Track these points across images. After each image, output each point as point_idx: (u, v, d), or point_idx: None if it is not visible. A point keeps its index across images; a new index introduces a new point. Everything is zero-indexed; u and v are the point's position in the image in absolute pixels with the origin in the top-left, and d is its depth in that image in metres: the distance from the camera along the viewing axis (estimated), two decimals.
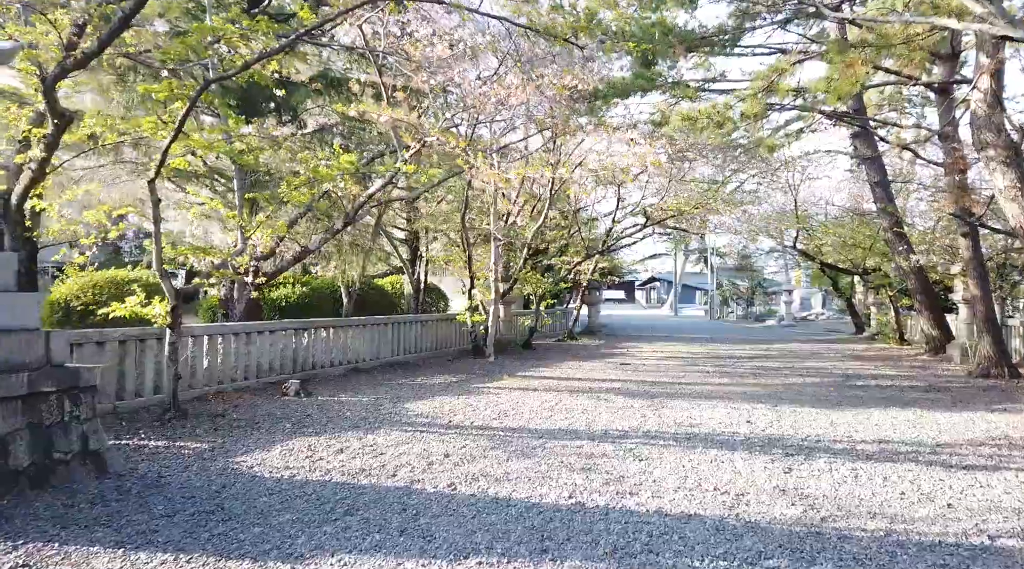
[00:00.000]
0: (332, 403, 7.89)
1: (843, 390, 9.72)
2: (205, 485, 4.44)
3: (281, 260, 9.90)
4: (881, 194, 14.59)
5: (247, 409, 7.36)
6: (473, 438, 6.09)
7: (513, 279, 14.62)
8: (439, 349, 14.62)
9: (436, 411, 7.46)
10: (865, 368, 12.71)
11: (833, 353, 16.01)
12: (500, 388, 9.47)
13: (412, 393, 8.85)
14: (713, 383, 10.33)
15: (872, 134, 14.76)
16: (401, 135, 8.83)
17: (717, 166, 17.69)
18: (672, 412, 7.62)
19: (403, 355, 13.15)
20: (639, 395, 8.93)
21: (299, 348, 10.26)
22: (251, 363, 9.25)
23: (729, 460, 5.42)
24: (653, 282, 76.21)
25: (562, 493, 4.44)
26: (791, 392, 9.41)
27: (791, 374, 11.64)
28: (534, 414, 7.39)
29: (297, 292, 12.77)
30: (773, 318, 34.99)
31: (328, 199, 10.03)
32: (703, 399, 8.66)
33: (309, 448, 5.56)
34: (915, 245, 14.42)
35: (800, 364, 13.42)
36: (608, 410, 7.71)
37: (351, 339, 11.57)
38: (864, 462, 5.39)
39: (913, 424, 7.07)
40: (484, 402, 8.16)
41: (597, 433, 6.43)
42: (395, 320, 13.00)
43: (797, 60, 8.30)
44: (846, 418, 7.37)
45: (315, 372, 10.45)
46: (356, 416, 7.04)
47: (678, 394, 9.07)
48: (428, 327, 14.29)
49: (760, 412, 7.70)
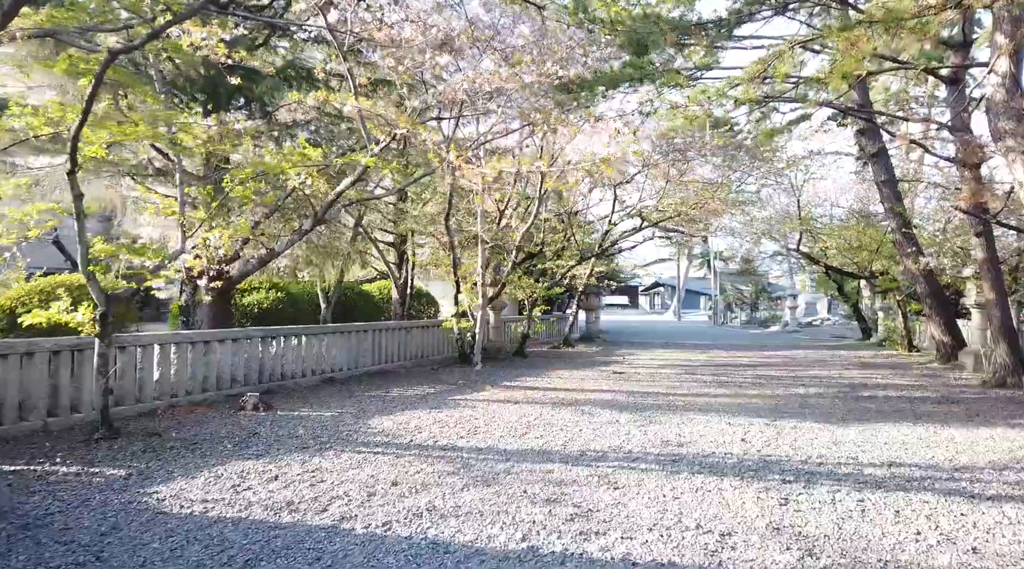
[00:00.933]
0: (289, 419, 7.23)
1: (849, 402, 9.01)
2: (95, 525, 3.78)
3: (246, 264, 9.27)
4: (888, 193, 13.88)
5: (193, 426, 6.70)
6: (432, 461, 5.43)
7: (502, 283, 13.96)
8: (425, 357, 13.97)
9: (400, 428, 6.80)
10: (872, 377, 11.99)
11: (839, 360, 15.28)
12: (479, 400, 8.80)
13: (381, 406, 8.19)
14: (709, 394, 9.64)
15: (878, 130, 14.06)
16: (370, 128, 8.20)
17: (717, 166, 17.00)
18: (660, 429, 6.94)
19: (385, 364, 12.51)
20: (627, 408, 8.25)
21: (266, 357, 9.62)
22: (210, 374, 8.61)
23: (717, 489, 4.73)
24: (657, 287, 75.48)
25: (515, 533, 3.77)
26: (792, 404, 8.71)
27: (793, 384, 10.94)
28: (508, 431, 6.72)
29: (271, 297, 12.12)
30: (777, 323, 34.21)
31: (297, 198, 9.39)
32: (696, 413, 7.97)
33: (240, 475, 4.90)
34: (925, 247, 13.71)
35: (803, 373, 12.70)
36: (590, 426, 7.03)
37: (326, 348, 10.93)
38: (872, 491, 4.70)
39: (926, 443, 6.37)
40: (457, 417, 7.49)
41: (572, 454, 5.75)
42: (376, 327, 12.36)
43: (798, 43, 7.65)
44: (851, 435, 6.67)
45: (284, 383, 9.81)
46: (309, 434, 6.37)
47: (670, 407, 8.38)
48: (413, 334, 13.64)
49: (757, 428, 7.00)
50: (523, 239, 13.66)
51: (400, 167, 9.29)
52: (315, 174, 8.62)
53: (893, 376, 12.13)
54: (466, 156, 7.32)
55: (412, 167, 10.11)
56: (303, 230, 9.17)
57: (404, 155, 10.10)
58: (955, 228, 14.20)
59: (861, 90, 13.94)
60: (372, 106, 7.49)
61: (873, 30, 5.98)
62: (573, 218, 17.64)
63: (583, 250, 16.84)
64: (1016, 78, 7.36)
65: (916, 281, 14.05)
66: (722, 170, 16.32)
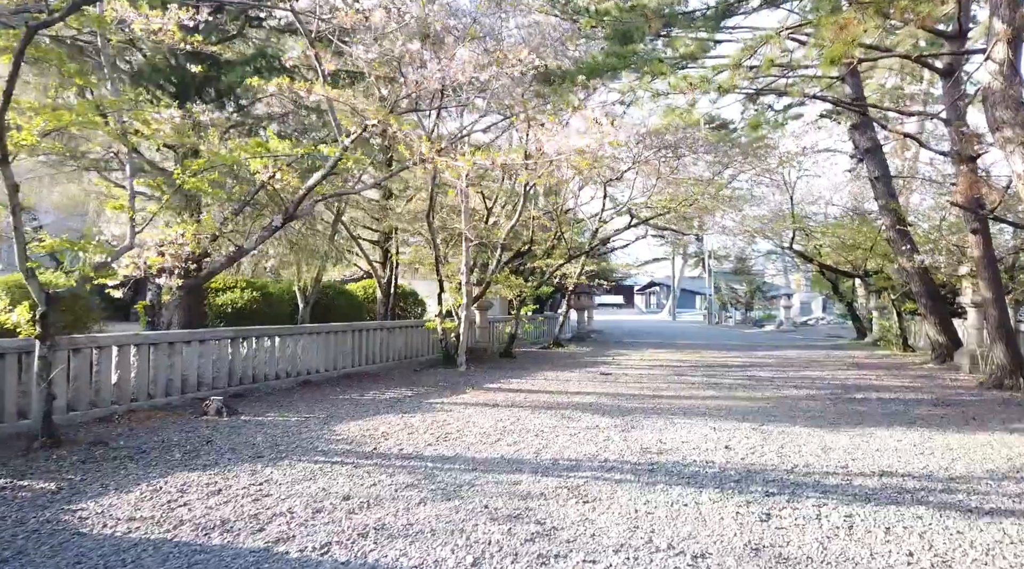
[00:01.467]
0: (250, 425, 6.86)
1: (841, 404, 8.68)
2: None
3: (212, 262, 8.90)
4: (882, 190, 13.56)
5: (146, 433, 6.33)
6: (392, 471, 5.07)
7: (486, 282, 13.60)
8: (409, 358, 13.61)
9: (367, 434, 6.43)
10: (866, 378, 11.66)
11: (832, 361, 14.96)
12: (456, 404, 8.45)
13: (353, 410, 7.83)
14: (697, 397, 9.30)
15: (872, 125, 13.74)
16: (341, 120, 7.84)
17: (710, 163, 16.65)
18: (641, 434, 6.59)
19: (365, 365, 12.14)
20: (610, 412, 7.90)
21: (236, 359, 9.25)
22: (174, 377, 8.24)
23: (694, 502, 4.38)
24: (653, 287, 75.18)
25: (465, 557, 3.41)
26: (782, 407, 8.37)
27: (785, 385, 10.60)
28: (480, 437, 6.36)
29: (246, 297, 11.74)
30: (772, 323, 33.93)
31: (271, 194, 9.03)
32: (681, 416, 7.62)
33: (181, 488, 4.53)
34: (919, 244, 13.39)
35: (796, 374, 12.37)
36: (568, 432, 6.68)
37: (302, 349, 10.56)
38: (862, 505, 4.35)
39: (920, 449, 6.03)
40: (429, 422, 7.13)
41: (544, 463, 5.40)
42: (356, 327, 11.98)
43: (787, 28, 7.31)
44: (842, 441, 6.33)
45: (256, 386, 9.45)
46: (267, 442, 6.01)
47: (654, 410, 8.03)
48: (396, 334, 13.27)
49: (743, 433, 6.66)
50: (509, 237, 13.29)
51: (373, 160, 8.91)
52: (285, 168, 8.27)
53: (887, 377, 11.80)
54: (438, 147, 6.96)
55: (395, 162, 9.73)
56: (273, 226, 8.80)
57: (387, 151, 9.73)
58: (950, 226, 13.89)
59: (855, 84, 13.62)
60: (340, 94, 7.12)
61: (864, 13, 5.66)
62: (562, 216, 17.27)
63: (571, 248, 16.46)
64: (1014, 65, 7.02)
65: (911, 280, 13.74)
66: (714, 167, 15.95)
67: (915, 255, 12.85)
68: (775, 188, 20.32)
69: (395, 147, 7.49)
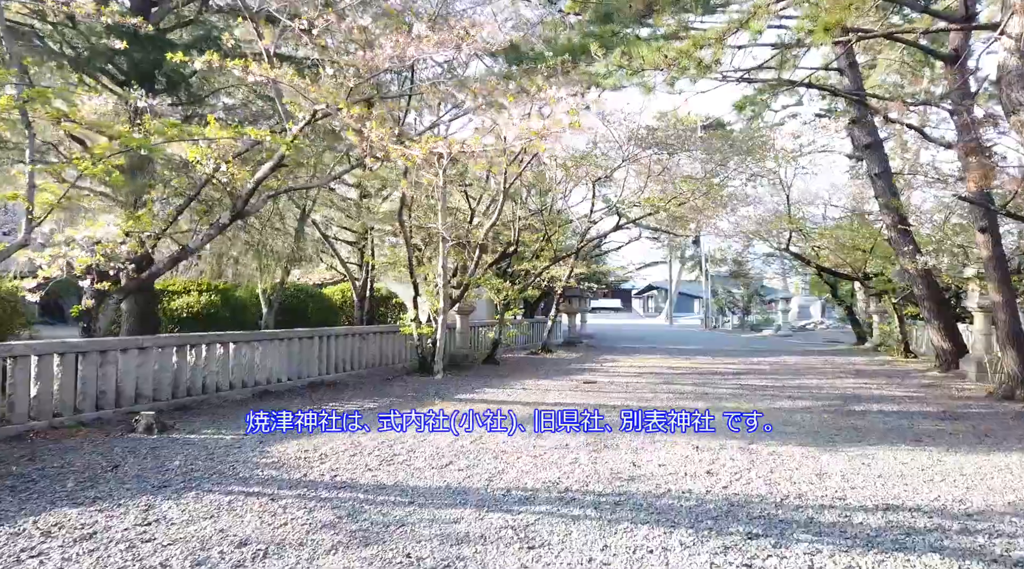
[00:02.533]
0: (176, 444, 6.12)
1: (839, 418, 7.95)
2: None
3: (158, 263, 8.18)
4: (883, 187, 12.84)
5: (51, 456, 5.59)
6: (313, 506, 4.33)
7: (465, 285, 12.87)
8: (384, 365, 12.86)
9: (303, 456, 5.69)
10: (867, 387, 10.93)
11: (831, 368, 14.23)
12: (419, 418, 7.70)
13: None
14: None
15: (871, 120, 13.02)
16: (289, 105, 7.12)
17: (702, 161, 15.94)
18: (615, 455, 5.85)
19: (334, 373, 11.40)
20: (585, 426, 7.16)
21: (183, 368, 8.50)
22: (108, 389, 7.49)
23: (662, 548, 3.64)
24: (651, 291, 74.55)
25: None
26: (776, 421, 7.63)
27: (779, 395, 9.87)
28: (431, 460, 5.63)
29: (203, 301, 11.00)
30: (770, 327, 33.20)
31: (228, 190, 8.31)
32: (663, 432, 6.89)
33: (48, 531, 3.79)
34: (922, 245, 12.67)
35: (792, 382, 11.64)
36: (533, 452, 5.94)
37: (261, 356, 9.82)
38: (863, 551, 3.62)
39: (929, 474, 5.29)
40: (380, 440, 6.39)
41: (495, 493, 4.66)
42: (324, 333, 11.25)
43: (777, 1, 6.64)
44: (840, 464, 5.60)
45: (205, 398, 8.71)
46: (183, 467, 5.27)
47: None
48: (369, 340, 12.53)
49: (729, 454, 5.92)
50: (489, 237, 12.56)
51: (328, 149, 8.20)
52: (232, 160, 7.55)
53: (889, 386, 11.07)
54: (391, 134, 6.25)
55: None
56: (221, 224, 8.08)
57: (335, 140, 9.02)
58: (954, 226, 13.16)
59: (854, 77, 12.92)
60: (282, 75, 6.39)
61: None
62: (549, 216, 16.55)
63: (557, 250, 15.72)
64: None
65: (913, 282, 13.02)
66: (707, 165, 15.24)
67: (918, 256, 12.13)
68: (771, 187, 19.62)
69: (346, 135, 6.77)
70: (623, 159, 15.60)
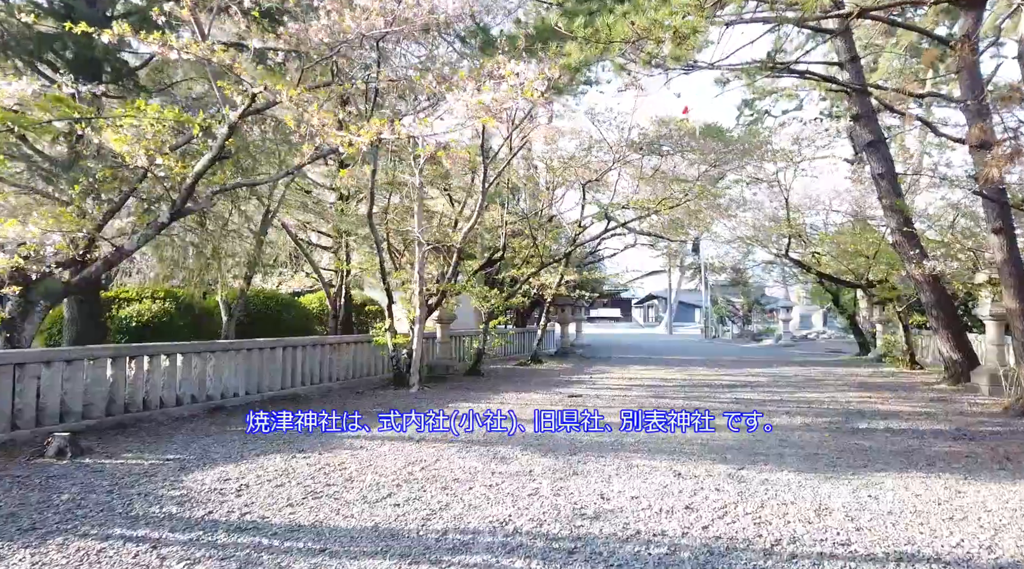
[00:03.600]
0: (80, 472, 5.35)
1: (842, 438, 7.16)
2: None
3: (91, 267, 7.43)
4: (886, 188, 12.07)
5: None
6: (200, 555, 3.56)
7: (441, 292, 12.11)
8: (358, 377, 12.08)
9: (218, 488, 4.92)
10: (871, 401, 10.13)
11: (833, 380, 13.42)
12: (373, 437, 6.93)
13: (236, 449, 6.32)
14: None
15: (874, 116, 12.28)
16: (224, 88, 6.39)
17: (694, 162, 15.21)
18: (582, 484, 5.07)
19: (300, 387, 10.64)
20: (556, 449, 6.38)
21: (120, 382, 7.74)
22: (26, 406, 6.73)
23: None
24: (651, 300, 73.75)
25: None
26: (770, 442, 6.84)
27: (776, 411, 9.08)
28: (367, 491, 4.85)
29: (156, 309, 10.23)
30: (771, 337, 32.38)
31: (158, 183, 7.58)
32: (642, 455, 6.11)
33: None
34: (930, 249, 11.90)
35: (791, 396, 10.85)
36: (489, 481, 5.16)
37: (214, 368, 9.07)
38: None
39: (948, 511, 4.50)
40: (319, 466, 5.62)
41: (428, 537, 3.88)
42: (289, 343, 10.49)
43: None
44: (843, 495, 4.81)
45: (147, 414, 7.95)
46: (72, 501, 4.49)
47: (612, 446, 6.52)
48: (342, 351, 11.76)
49: (714, 483, 5.14)
50: (467, 241, 11.82)
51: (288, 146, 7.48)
52: (167, 153, 6.81)
53: (896, 401, 10.27)
54: (335, 119, 5.51)
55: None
56: (159, 223, 7.34)
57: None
58: (963, 229, 12.39)
59: (855, 70, 12.19)
60: (211, 52, 5.66)
61: None
62: (536, 220, 15.80)
63: (544, 255, 14.96)
64: None
65: (920, 289, 12.23)
66: (700, 166, 14.51)
67: (925, 261, 11.36)
68: (769, 191, 18.86)
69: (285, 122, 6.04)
70: (614, 160, 14.90)
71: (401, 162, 11.74)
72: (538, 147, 15.11)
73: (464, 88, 5.38)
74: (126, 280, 10.75)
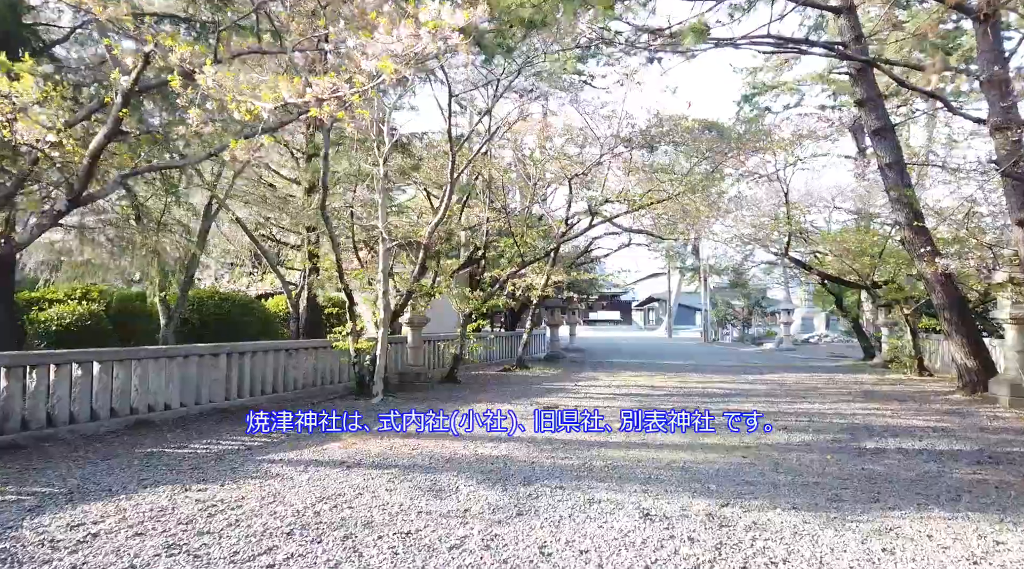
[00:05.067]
0: None
1: (846, 461, 6.13)
2: None
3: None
4: (894, 178, 11.02)
5: None
6: None
7: (407, 293, 11.09)
8: (318, 386, 11.07)
9: (60, 538, 3.91)
10: (879, 414, 9.10)
11: (836, 388, 12.38)
12: (299, 462, 5.92)
13: (122, 480, 5.30)
14: (646, 445, 6.76)
15: (881, 103, 11.24)
16: (114, 48, 5.40)
17: (688, 154, 14.20)
18: (522, 530, 4.05)
19: (249, 397, 9.64)
20: (508, 477, 5.37)
21: (14, 396, 6.74)
22: None
23: None
24: (651, 303, 72.77)
25: None
26: (762, 467, 5.82)
27: (773, 425, 8.05)
28: (250, 541, 3.84)
29: (79, 311, 9.21)
30: (772, 341, 31.29)
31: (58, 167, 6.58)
32: (608, 485, 5.09)
33: None
34: (942, 247, 10.86)
35: (790, 407, 9.81)
36: (407, 525, 4.14)
37: (141, 378, 8.08)
38: None
39: None
40: (214, 500, 4.61)
41: None
42: (235, 349, 9.48)
43: None
44: (850, 549, 3.79)
45: (51, 432, 6.95)
46: None
47: (574, 473, 5.50)
48: (300, 357, 10.75)
49: (688, 529, 4.11)
50: (433, 236, 10.81)
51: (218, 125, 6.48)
52: (61, 128, 5.82)
53: (906, 413, 9.23)
54: (234, 81, 4.51)
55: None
56: (56, 212, 6.33)
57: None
58: (979, 224, 11.33)
59: (860, 51, 11.16)
60: None
61: None
62: (519, 216, 14.79)
63: (523, 253, 13.94)
64: None
65: (931, 289, 11.18)
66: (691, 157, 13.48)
67: (937, 259, 10.32)
68: (768, 186, 17.83)
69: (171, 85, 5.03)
70: (601, 154, 13.88)
71: (368, 154, 10.76)
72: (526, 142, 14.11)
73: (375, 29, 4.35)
74: (54, 278, 9.76)
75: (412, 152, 12.68)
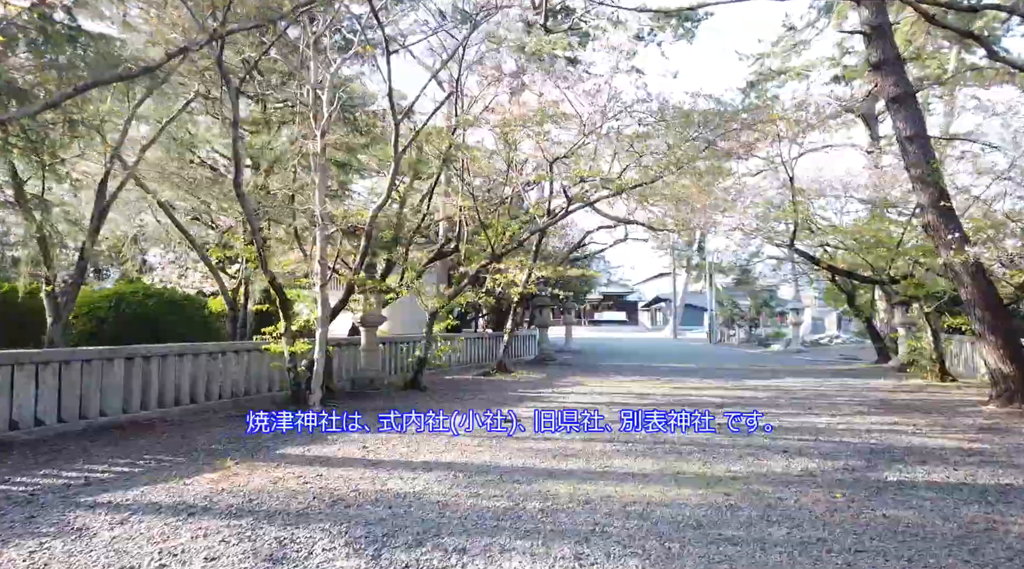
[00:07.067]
0: None
1: (862, 502, 4.62)
2: None
3: None
4: (917, 153, 9.44)
5: None
6: None
7: (348, 287, 9.65)
8: (250, 395, 9.67)
9: None
10: (900, 430, 7.57)
11: (849, 396, 10.83)
12: (142, 505, 4.48)
13: None
14: (614, 474, 5.28)
15: (901, 66, 9.68)
16: None
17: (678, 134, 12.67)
18: None
19: (158, 409, 8.27)
20: (403, 528, 3.90)
21: None
22: None
23: None
24: (658, 303, 71.37)
25: None
26: (751, 511, 4.32)
27: (769, 448, 6.55)
28: None
29: None
30: (780, 342, 29.66)
31: None
32: (531, 544, 3.62)
33: None
34: (973, 232, 9.29)
35: (793, 421, 8.30)
36: None
37: (1, 388, 6.68)
38: None
39: None
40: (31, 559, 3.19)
41: None
42: (137, 353, 8.08)
43: None
44: None
45: None
46: None
47: (496, 519, 4.04)
48: (227, 362, 9.35)
49: None
50: (375, 220, 9.35)
51: None
52: None
53: (932, 429, 7.69)
54: None
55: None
56: None
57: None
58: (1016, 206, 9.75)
59: (875, 8, 9.62)
60: None
61: None
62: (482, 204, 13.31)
63: (494, 244, 12.44)
64: None
65: (958, 283, 9.60)
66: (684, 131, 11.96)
67: (967, 247, 8.77)
68: (773, 175, 16.29)
69: None
70: (582, 133, 12.38)
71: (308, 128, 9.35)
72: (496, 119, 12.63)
73: None
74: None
75: (361, 128, 11.23)
